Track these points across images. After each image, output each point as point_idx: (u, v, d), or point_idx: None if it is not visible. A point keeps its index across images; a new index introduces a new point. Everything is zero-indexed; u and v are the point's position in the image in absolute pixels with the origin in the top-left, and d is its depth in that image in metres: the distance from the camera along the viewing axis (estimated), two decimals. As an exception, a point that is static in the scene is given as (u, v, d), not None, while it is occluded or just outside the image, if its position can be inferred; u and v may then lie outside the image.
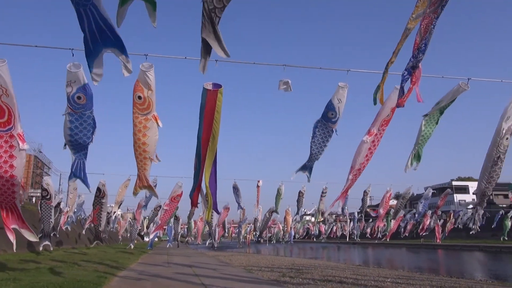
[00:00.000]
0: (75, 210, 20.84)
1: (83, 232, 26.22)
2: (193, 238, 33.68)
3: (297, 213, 18.84)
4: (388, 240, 22.98)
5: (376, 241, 26.63)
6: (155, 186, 15.17)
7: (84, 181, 6.74)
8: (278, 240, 40.99)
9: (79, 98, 5.69)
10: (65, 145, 6.24)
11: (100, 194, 11.32)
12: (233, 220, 36.39)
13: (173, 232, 25.26)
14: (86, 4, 4.35)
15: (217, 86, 5.69)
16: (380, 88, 5.73)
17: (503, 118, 6.33)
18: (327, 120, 6.99)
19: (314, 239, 46.73)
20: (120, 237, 32.16)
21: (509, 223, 23.88)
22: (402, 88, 5.42)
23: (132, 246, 21.93)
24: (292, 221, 25.45)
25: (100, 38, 4.73)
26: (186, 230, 32.59)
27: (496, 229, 27.01)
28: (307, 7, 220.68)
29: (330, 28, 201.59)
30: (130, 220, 27.46)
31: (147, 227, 29.59)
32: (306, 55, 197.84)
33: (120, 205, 18.08)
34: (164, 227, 19.31)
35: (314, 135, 7.21)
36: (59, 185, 32.74)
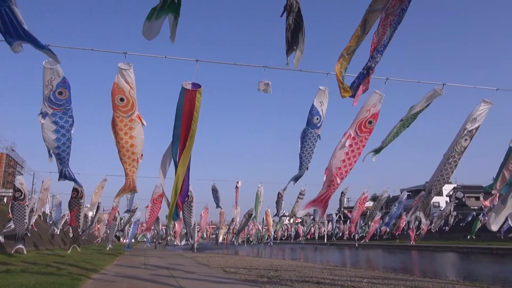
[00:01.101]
0: (53, 211, 20.31)
1: (57, 232, 25.53)
2: (172, 239, 33.32)
3: (276, 214, 18.84)
4: (367, 241, 23.35)
5: (357, 244, 26.98)
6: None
7: (76, 182, 6.67)
8: (257, 241, 41.02)
9: (60, 93, 5.55)
10: (50, 154, 5.94)
11: (78, 195, 10.97)
12: (211, 221, 36.24)
13: (151, 233, 24.93)
14: (3, 5, 4.30)
15: (196, 86, 5.67)
16: (337, 78, 5.66)
17: (469, 119, 6.54)
18: (313, 127, 6.99)
19: (292, 241, 47.00)
20: (99, 239, 31.59)
21: (479, 224, 24.68)
22: (357, 85, 5.54)
23: (111, 247, 21.59)
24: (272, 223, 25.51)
25: (15, 35, 4.58)
26: (164, 231, 32.25)
27: (467, 230, 27.88)
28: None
29: (309, 30, 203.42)
30: (107, 221, 26.92)
31: (122, 230, 29.10)
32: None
33: (98, 206, 17.69)
34: (150, 228, 19.01)
35: (303, 146, 7.19)
36: (32, 185, 31.80)
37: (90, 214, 19.87)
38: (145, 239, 28.94)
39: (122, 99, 5.63)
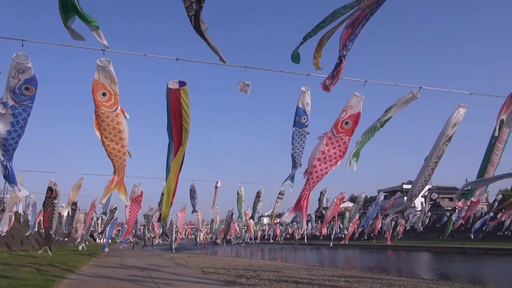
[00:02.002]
0: (29, 211, 19.75)
1: (31, 233, 24.82)
2: (152, 239, 32.94)
3: (252, 216, 18.78)
4: (347, 242, 23.67)
5: (331, 244, 27.30)
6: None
7: (15, 184, 6.30)
8: (237, 241, 40.99)
9: (27, 89, 5.38)
10: None
11: (52, 195, 10.65)
12: (190, 221, 36.00)
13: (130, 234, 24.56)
14: None
15: (181, 84, 5.69)
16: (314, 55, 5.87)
17: (449, 125, 6.70)
18: (301, 126, 7.13)
19: (272, 240, 47.17)
20: (79, 239, 30.86)
21: (452, 225, 25.42)
22: (331, 74, 5.67)
23: (84, 247, 21.07)
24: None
25: None
26: (142, 231, 31.83)
27: (442, 230, 28.66)
28: (269, 10, 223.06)
29: (290, 31, 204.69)
30: (83, 220, 26.37)
31: (102, 232, 28.60)
32: (267, 58, 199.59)
33: (75, 206, 17.27)
34: (131, 230, 18.70)
35: (294, 146, 7.31)
36: (4, 184, 30.82)
37: (65, 213, 19.41)
38: (121, 239, 28.48)
39: (104, 94, 5.57)
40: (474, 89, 7.34)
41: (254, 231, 39.20)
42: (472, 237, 25.77)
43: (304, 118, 7.03)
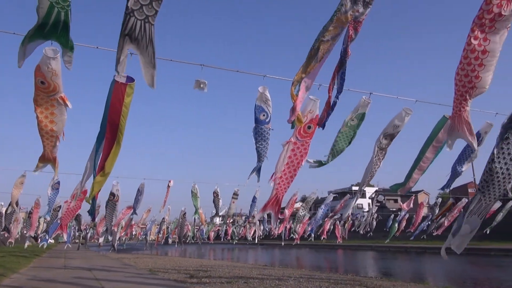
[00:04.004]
0: None
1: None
2: (97, 238, 31.61)
3: (216, 213, 18.78)
4: (298, 242, 24.10)
5: (283, 244, 27.92)
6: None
7: None
8: (189, 241, 40.46)
9: None
10: None
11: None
12: (140, 221, 34.97)
13: (72, 233, 23.46)
14: None
15: (130, 79, 5.46)
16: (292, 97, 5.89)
17: (390, 125, 7.22)
18: (262, 123, 7.28)
19: (223, 240, 47.08)
20: (12, 240, 28.90)
21: (396, 227, 26.71)
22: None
23: (27, 246, 19.98)
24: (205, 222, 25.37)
25: None
26: (87, 231, 30.56)
27: (388, 230, 30.08)
28: (228, 9, 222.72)
29: (247, 31, 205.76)
30: (24, 219, 24.93)
31: (46, 231, 27.07)
32: (224, 57, 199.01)
33: (17, 205, 16.18)
34: (66, 226, 17.81)
35: (256, 140, 7.52)
36: None
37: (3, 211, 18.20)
38: (65, 240, 27.13)
39: (42, 82, 5.33)
40: (419, 97, 7.80)
41: (206, 231, 38.98)
42: (412, 238, 27.19)
43: (264, 115, 7.17)
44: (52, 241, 45.99)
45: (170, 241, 43.29)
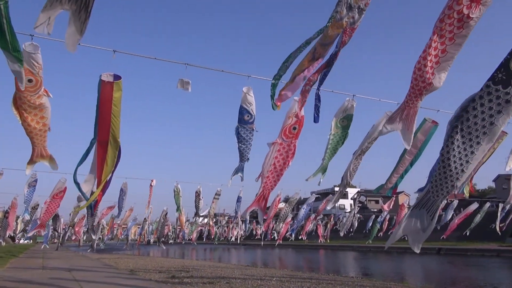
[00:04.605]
0: None
1: None
2: (78, 238, 31.05)
3: (196, 214, 18.70)
4: (281, 242, 24.21)
5: (262, 244, 28.20)
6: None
7: None
8: (169, 241, 40.19)
9: None
10: None
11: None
12: (120, 221, 34.55)
13: (50, 233, 22.98)
14: None
15: (116, 78, 5.41)
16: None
17: (376, 129, 7.30)
18: (245, 123, 7.32)
19: (206, 241, 46.92)
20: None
21: (377, 228, 27.09)
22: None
23: (2, 243, 19.49)
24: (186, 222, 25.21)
25: None
26: (67, 230, 30.01)
27: (369, 231, 30.49)
28: (214, 10, 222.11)
29: (233, 34, 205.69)
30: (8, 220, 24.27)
31: (24, 230, 26.51)
32: (209, 56, 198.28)
33: None
34: (44, 225, 17.45)
35: (239, 140, 7.56)
36: None
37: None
38: (43, 240, 26.60)
39: (30, 80, 5.26)
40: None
41: (189, 232, 38.76)
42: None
43: (248, 116, 7.23)
44: (30, 241, 44.94)
45: (151, 241, 42.88)
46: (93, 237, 19.83)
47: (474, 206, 18.58)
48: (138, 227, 34.71)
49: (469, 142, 3.98)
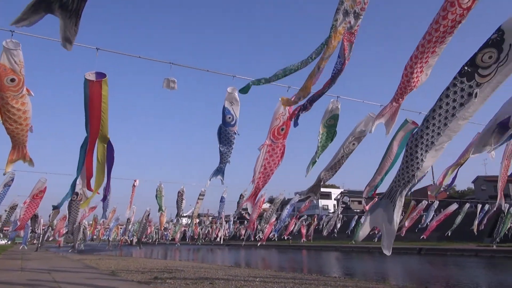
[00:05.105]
0: None
1: None
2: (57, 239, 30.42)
3: (178, 214, 18.53)
4: (264, 243, 24.23)
5: (243, 244, 28.25)
6: None
7: None
8: (154, 241, 39.80)
9: None
10: None
11: None
12: (103, 221, 34.02)
13: (28, 233, 22.47)
14: None
15: (100, 75, 5.38)
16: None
17: (357, 128, 7.47)
18: (227, 125, 7.26)
19: (189, 241, 46.60)
20: None
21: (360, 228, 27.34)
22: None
23: None
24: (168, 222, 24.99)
25: None
26: (46, 231, 29.40)
27: (352, 231, 30.80)
28: (198, 9, 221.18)
29: (218, 35, 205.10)
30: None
31: (1, 230, 25.81)
32: (194, 56, 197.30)
33: None
34: (23, 226, 17.06)
35: (220, 141, 7.49)
36: None
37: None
38: (21, 240, 25.96)
39: (13, 80, 5.13)
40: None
41: (173, 232, 38.41)
42: (376, 240, 27.92)
43: (229, 118, 7.16)
44: (9, 242, 43.85)
45: (134, 242, 42.37)
46: (74, 238, 19.46)
47: (454, 206, 18.97)
48: (121, 228, 34.23)
49: (432, 132, 4.11)
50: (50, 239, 36.24)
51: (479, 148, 4.71)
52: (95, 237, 36.68)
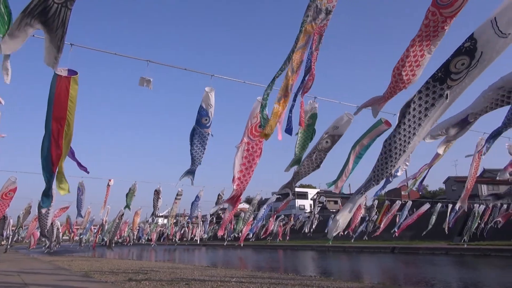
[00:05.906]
0: None
1: None
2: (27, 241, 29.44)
3: (153, 213, 18.24)
4: (241, 244, 24.19)
5: (225, 244, 28.25)
6: None
7: None
8: (130, 242, 39.10)
9: None
10: None
11: None
12: (76, 222, 33.14)
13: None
14: None
15: (72, 72, 5.17)
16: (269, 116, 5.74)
17: (332, 126, 7.59)
18: (202, 126, 7.15)
19: (167, 242, 46.06)
20: None
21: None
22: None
23: None
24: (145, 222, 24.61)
25: None
26: (15, 231, 28.43)
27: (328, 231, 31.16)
28: (175, 8, 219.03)
29: (197, 35, 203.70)
30: None
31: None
32: (172, 55, 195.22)
33: None
34: None
35: (193, 143, 7.34)
36: None
37: None
38: None
39: None
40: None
41: (149, 231, 37.86)
42: (353, 240, 28.31)
43: (206, 119, 7.08)
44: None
45: (107, 242, 41.48)
46: (47, 241, 18.88)
47: (426, 206, 19.47)
48: (94, 228, 33.46)
49: (408, 133, 4.41)
50: (25, 241, 35.12)
51: (433, 135, 5.13)
52: (66, 237, 35.73)
